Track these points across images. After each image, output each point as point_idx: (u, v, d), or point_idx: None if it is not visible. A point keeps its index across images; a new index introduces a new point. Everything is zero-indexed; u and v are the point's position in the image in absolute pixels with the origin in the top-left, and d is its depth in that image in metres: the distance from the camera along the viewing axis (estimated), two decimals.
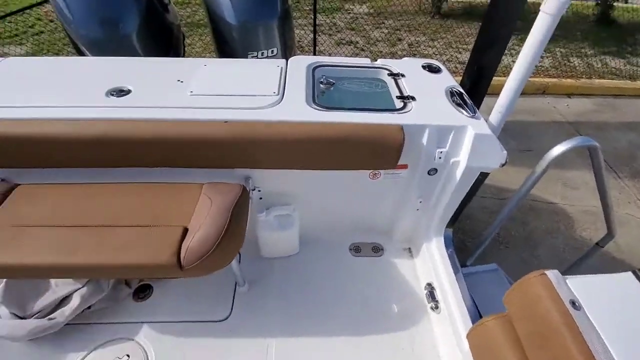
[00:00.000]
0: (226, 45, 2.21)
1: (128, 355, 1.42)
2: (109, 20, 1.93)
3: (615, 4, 6.69)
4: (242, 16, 2.03)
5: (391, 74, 1.63)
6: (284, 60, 1.64)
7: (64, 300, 1.43)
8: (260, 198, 1.57)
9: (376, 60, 1.71)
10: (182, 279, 1.64)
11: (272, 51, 2.19)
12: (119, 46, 1.98)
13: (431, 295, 1.61)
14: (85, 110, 1.27)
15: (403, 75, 1.62)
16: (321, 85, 1.52)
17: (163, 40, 2.22)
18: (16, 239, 1.16)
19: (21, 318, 1.36)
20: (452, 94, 1.51)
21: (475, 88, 2.14)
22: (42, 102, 1.30)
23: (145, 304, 1.58)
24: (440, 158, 1.43)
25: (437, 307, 1.57)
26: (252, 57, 2.14)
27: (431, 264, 1.68)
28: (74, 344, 1.44)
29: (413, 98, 1.47)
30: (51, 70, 1.49)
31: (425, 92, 1.51)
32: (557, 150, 1.32)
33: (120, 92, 1.36)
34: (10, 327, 1.33)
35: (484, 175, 1.69)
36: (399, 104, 1.46)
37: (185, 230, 1.21)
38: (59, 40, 5.34)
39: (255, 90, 1.41)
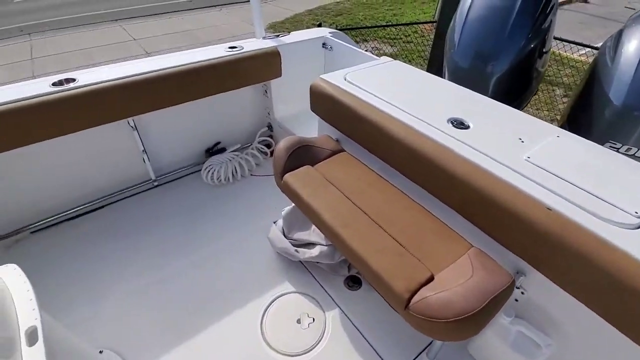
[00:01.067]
0: (582, 117, 1.85)
1: (313, 319, 1.58)
2: (483, 57, 2.00)
3: None
4: (635, 101, 1.60)
5: None
6: None
7: (309, 245, 1.73)
8: (517, 300, 1.27)
9: None
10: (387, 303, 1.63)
11: None
12: (475, 79, 2.04)
13: None
14: (425, 126, 1.36)
15: None
16: None
17: (517, 88, 2.12)
18: (321, 188, 1.45)
19: (284, 235, 1.76)
20: None
21: None
22: (397, 102, 1.50)
23: (348, 292, 1.68)
24: None
25: None
26: (612, 147, 1.69)
27: None
28: (292, 278, 1.73)
29: None
30: (415, 80, 1.70)
31: None
32: None
33: (460, 125, 1.37)
34: (277, 237, 1.75)
35: None
36: None
37: (431, 278, 1.13)
38: (417, 52, 6.31)
39: (610, 195, 1.07)
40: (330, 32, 2.41)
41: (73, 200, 1.98)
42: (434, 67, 4.25)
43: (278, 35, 2.31)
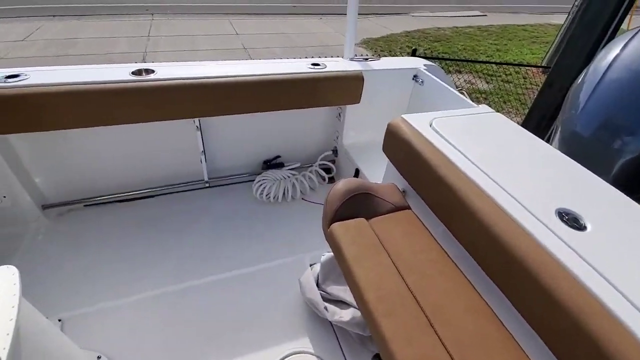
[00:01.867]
0: None
1: None
2: (614, 129, 1.56)
3: None
4: None
5: None
6: None
7: (342, 304, 1.48)
8: None
9: None
10: None
11: None
12: (594, 154, 1.61)
13: None
14: (522, 213, 1.03)
15: None
16: None
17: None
18: (371, 251, 1.20)
19: (317, 283, 1.54)
20: None
21: None
22: (490, 170, 1.18)
23: None
24: None
25: None
26: None
27: None
28: (314, 335, 1.49)
29: None
30: (519, 144, 1.36)
31: None
32: None
33: (574, 223, 1.01)
34: (308, 285, 1.53)
35: None
36: None
37: None
38: (515, 94, 5.66)
39: None
40: (425, 65, 2.14)
41: (128, 184, 1.99)
42: (535, 116, 3.71)
43: (367, 59, 2.11)
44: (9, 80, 1.44)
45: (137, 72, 1.63)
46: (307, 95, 1.89)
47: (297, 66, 1.89)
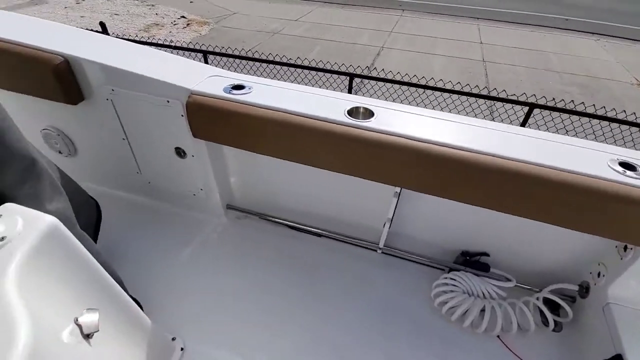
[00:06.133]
0: None
1: None
2: None
3: None
4: None
5: None
6: None
7: None
8: None
9: None
10: None
11: None
12: None
13: None
14: None
15: None
16: None
17: None
18: None
19: None
20: None
21: None
22: None
23: None
24: None
25: None
26: None
27: None
28: None
29: None
30: None
31: None
32: None
33: None
34: None
35: None
36: None
37: None
38: None
39: None
40: None
41: (304, 215, 1.77)
42: None
43: None
44: (234, 91, 1.35)
45: (355, 112, 1.27)
46: (578, 212, 1.09)
47: (591, 164, 1.09)
